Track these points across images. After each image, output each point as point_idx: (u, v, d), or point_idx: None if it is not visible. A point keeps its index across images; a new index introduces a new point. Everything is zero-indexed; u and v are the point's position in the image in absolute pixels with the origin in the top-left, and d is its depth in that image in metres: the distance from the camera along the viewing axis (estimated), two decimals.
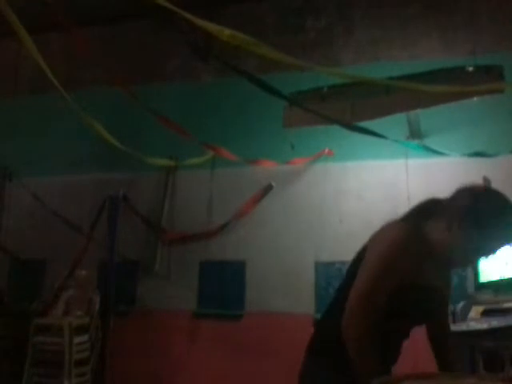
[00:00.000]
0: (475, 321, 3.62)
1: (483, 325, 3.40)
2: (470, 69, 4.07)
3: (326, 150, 5.46)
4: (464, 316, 3.88)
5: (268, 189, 5.63)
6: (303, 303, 5.22)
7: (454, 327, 3.70)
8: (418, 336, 1.95)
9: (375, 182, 5.32)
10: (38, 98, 6.51)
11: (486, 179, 4.82)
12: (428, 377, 1.47)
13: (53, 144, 6.44)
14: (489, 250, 1.68)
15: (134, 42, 6.44)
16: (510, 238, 1.65)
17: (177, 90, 6.17)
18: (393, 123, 4.76)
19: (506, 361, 3.16)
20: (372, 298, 1.59)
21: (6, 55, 6.77)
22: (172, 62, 6.32)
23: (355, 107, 4.42)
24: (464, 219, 1.61)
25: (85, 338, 5.21)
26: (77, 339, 5.11)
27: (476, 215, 1.60)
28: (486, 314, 3.65)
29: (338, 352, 1.66)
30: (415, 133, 5.13)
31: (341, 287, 1.84)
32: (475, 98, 4.17)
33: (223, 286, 5.60)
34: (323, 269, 5.26)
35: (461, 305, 4.03)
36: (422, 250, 1.67)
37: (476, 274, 4.16)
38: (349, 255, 1.85)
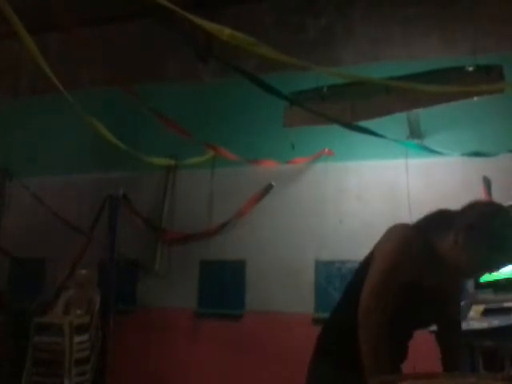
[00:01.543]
0: (475, 320, 3.62)
1: (483, 324, 3.40)
2: (470, 69, 4.07)
3: (326, 150, 5.46)
4: (464, 315, 3.87)
5: (268, 188, 5.63)
6: (303, 302, 5.22)
7: None
8: (418, 336, 1.95)
9: (375, 181, 5.32)
10: (37, 98, 6.51)
11: (485, 179, 4.82)
12: (428, 376, 1.48)
13: (53, 144, 6.44)
14: (493, 267, 1.70)
15: (134, 42, 6.44)
16: None
17: (177, 89, 6.17)
18: (393, 123, 4.77)
19: (506, 360, 3.16)
20: (385, 292, 1.62)
21: (6, 55, 6.77)
22: (172, 61, 6.32)
23: (355, 107, 4.43)
24: (470, 235, 1.63)
25: (85, 337, 5.21)
26: (77, 338, 5.11)
27: (483, 233, 1.62)
28: (486, 313, 3.65)
29: (348, 351, 1.68)
30: (415, 132, 5.13)
31: (349, 287, 1.85)
32: (475, 98, 4.17)
33: (223, 286, 5.60)
34: (323, 268, 5.27)
35: (461, 304, 4.02)
36: (427, 254, 1.69)
37: None
38: (349, 254, 1.87)
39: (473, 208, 1.71)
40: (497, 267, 1.70)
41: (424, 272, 1.68)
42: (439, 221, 1.76)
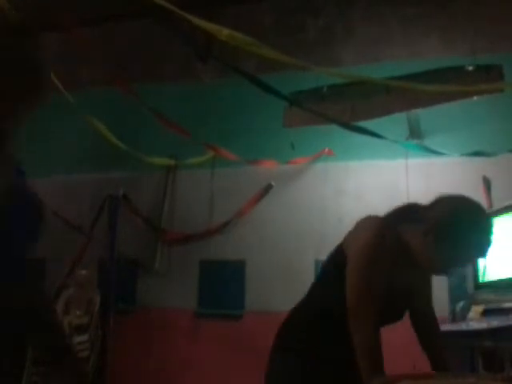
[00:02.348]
0: (475, 320, 3.62)
1: (483, 324, 3.40)
2: (470, 68, 4.07)
3: (326, 150, 5.46)
4: (464, 316, 3.88)
5: (268, 188, 5.63)
6: None
7: (453, 327, 3.71)
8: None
9: (375, 181, 5.32)
10: None
11: (485, 179, 4.83)
12: (427, 377, 1.48)
13: (53, 144, 6.44)
14: (461, 261, 1.69)
15: (134, 42, 6.44)
16: (483, 252, 1.65)
17: (177, 90, 6.17)
18: (393, 123, 4.77)
19: (506, 361, 3.16)
20: (369, 287, 1.59)
21: None
22: (172, 62, 6.32)
23: (355, 107, 4.42)
24: (439, 232, 1.62)
25: (85, 337, 5.21)
26: (77, 338, 5.11)
27: (450, 229, 1.60)
28: (486, 313, 3.65)
29: (312, 345, 1.70)
30: (415, 132, 5.13)
31: (317, 280, 1.84)
32: (475, 98, 4.18)
33: (223, 286, 5.60)
34: None
35: (460, 304, 4.03)
36: (398, 246, 1.68)
37: (476, 274, 4.16)
38: None
39: (440, 203, 1.69)
40: (466, 262, 1.69)
41: (395, 264, 1.67)
42: (408, 215, 1.75)
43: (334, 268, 1.72)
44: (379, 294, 1.60)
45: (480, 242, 1.62)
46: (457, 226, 1.61)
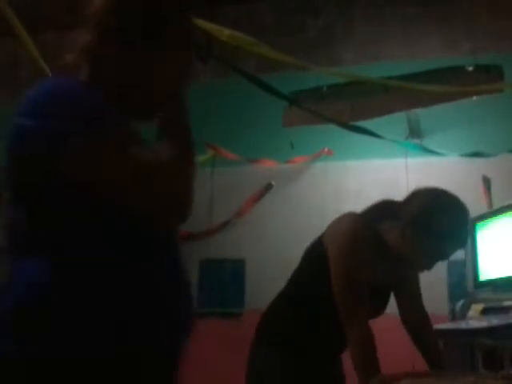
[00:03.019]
0: (475, 319, 3.63)
1: (483, 323, 3.41)
2: (470, 68, 4.08)
3: (326, 149, 5.47)
4: (463, 314, 3.88)
5: (268, 188, 5.64)
6: None
7: (453, 325, 3.71)
8: None
9: (375, 180, 5.33)
10: None
11: (485, 178, 4.83)
12: (427, 375, 1.49)
13: None
14: (442, 254, 1.68)
15: None
16: (462, 242, 1.65)
17: None
18: (392, 122, 4.77)
19: (506, 359, 3.17)
20: (356, 286, 1.60)
21: (6, 55, 6.77)
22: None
23: (355, 106, 4.43)
24: (416, 228, 1.62)
25: None
26: None
27: (427, 220, 1.61)
28: (486, 312, 3.66)
29: (295, 339, 1.74)
30: (415, 132, 5.13)
31: (296, 274, 1.86)
32: (474, 98, 4.19)
33: (223, 285, 5.61)
34: None
35: (460, 303, 4.03)
36: (377, 244, 1.69)
37: (475, 272, 4.17)
38: None
39: (416, 197, 1.70)
40: (446, 254, 1.69)
41: (375, 261, 1.68)
42: (385, 212, 1.77)
43: (313, 258, 1.74)
44: (367, 288, 1.61)
45: (457, 233, 1.63)
46: (433, 217, 1.61)
